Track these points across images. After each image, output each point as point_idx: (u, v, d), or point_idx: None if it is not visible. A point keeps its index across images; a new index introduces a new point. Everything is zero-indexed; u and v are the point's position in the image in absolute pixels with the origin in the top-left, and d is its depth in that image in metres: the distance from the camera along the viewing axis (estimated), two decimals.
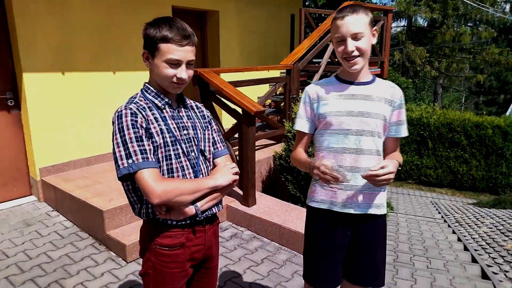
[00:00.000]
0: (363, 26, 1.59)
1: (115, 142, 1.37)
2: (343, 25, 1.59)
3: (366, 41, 1.61)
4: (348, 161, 1.68)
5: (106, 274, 2.90)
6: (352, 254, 1.79)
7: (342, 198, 1.71)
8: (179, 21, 1.41)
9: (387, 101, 1.70)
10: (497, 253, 4.48)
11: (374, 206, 1.73)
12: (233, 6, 6.23)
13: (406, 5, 16.72)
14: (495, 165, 9.04)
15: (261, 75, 5.46)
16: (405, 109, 1.77)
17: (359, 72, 1.70)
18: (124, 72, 4.73)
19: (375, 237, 1.78)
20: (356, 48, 1.60)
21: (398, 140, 1.80)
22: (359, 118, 1.66)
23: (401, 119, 1.75)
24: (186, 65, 1.42)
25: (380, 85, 1.73)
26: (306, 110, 1.78)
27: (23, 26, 3.80)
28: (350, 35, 1.59)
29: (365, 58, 1.65)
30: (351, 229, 1.76)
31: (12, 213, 3.89)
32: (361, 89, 1.70)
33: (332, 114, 1.69)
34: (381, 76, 7.24)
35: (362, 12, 1.60)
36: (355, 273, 1.80)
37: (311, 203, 1.82)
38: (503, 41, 25.24)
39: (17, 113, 4.04)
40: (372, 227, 1.76)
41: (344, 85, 1.72)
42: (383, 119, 1.68)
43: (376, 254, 1.79)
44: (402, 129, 1.76)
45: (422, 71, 18.08)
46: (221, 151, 1.63)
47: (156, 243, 1.46)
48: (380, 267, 1.81)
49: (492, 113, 21.01)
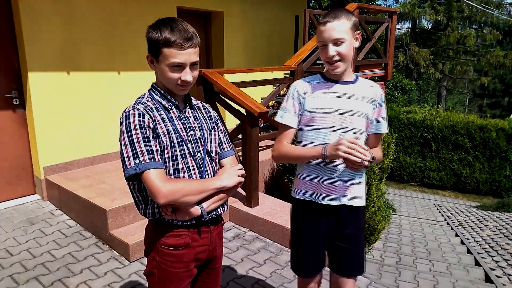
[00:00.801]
0: (344, 32, 1.67)
1: (122, 143, 1.38)
2: (325, 31, 1.68)
3: (346, 45, 1.69)
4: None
5: (109, 273, 2.91)
6: (336, 245, 1.90)
7: (325, 190, 1.81)
8: (180, 23, 1.40)
9: (369, 100, 1.80)
10: (500, 256, 4.46)
11: (353, 198, 1.84)
12: (238, 7, 6.24)
13: (411, 7, 16.68)
14: (499, 168, 9.01)
15: (265, 76, 5.47)
16: (386, 107, 1.87)
17: (343, 73, 1.78)
18: (128, 72, 4.74)
19: (356, 228, 1.89)
20: (337, 53, 1.68)
21: (379, 137, 1.90)
22: (342, 115, 1.75)
23: (381, 116, 1.85)
24: (190, 67, 1.42)
25: (362, 84, 1.83)
26: (294, 105, 1.83)
27: (29, 25, 3.83)
28: (331, 41, 1.67)
29: (347, 61, 1.74)
30: (334, 220, 1.87)
31: (16, 211, 3.90)
32: (345, 88, 1.79)
33: (317, 110, 1.77)
34: (385, 78, 7.23)
35: (344, 18, 1.67)
36: (341, 266, 1.91)
37: (296, 195, 1.91)
38: (508, 43, 25.13)
39: (22, 112, 4.06)
40: (352, 218, 1.87)
41: (329, 83, 1.81)
42: (365, 117, 1.77)
43: (358, 244, 1.91)
44: (383, 126, 1.86)
45: (426, 73, 18.01)
46: (227, 152, 1.63)
47: (161, 242, 1.47)
48: (361, 256, 1.94)
49: (496, 116, 20.94)
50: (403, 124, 9.70)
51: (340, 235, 1.88)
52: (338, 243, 1.89)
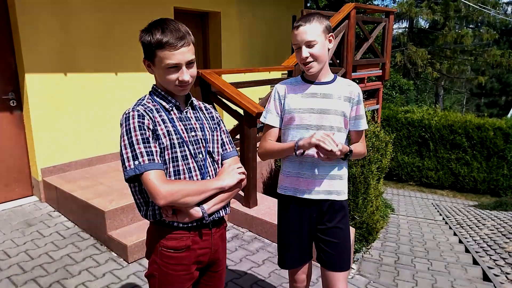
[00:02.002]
0: (316, 34, 1.77)
1: (122, 144, 1.37)
2: (298, 34, 1.78)
3: (319, 47, 1.78)
4: (309, 153, 1.85)
5: (107, 275, 2.90)
6: (321, 239, 1.97)
7: (304, 185, 1.91)
8: (172, 23, 1.39)
9: (346, 99, 1.89)
10: (498, 255, 4.48)
11: (334, 193, 1.92)
12: (235, 7, 6.24)
13: (408, 7, 16.72)
14: (497, 167, 9.04)
15: (262, 76, 5.47)
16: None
17: (319, 73, 1.88)
18: (126, 73, 4.74)
19: (339, 222, 1.95)
20: (310, 55, 1.78)
21: (360, 133, 1.98)
22: (319, 114, 1.86)
23: (359, 114, 1.93)
24: (186, 66, 1.41)
25: (339, 84, 1.91)
26: (276, 106, 1.96)
27: (26, 26, 3.82)
28: (304, 43, 1.77)
29: (321, 62, 1.82)
30: (317, 214, 1.94)
31: (14, 213, 3.89)
32: (321, 88, 1.89)
33: (295, 110, 1.89)
34: (382, 78, 7.24)
35: (316, 21, 1.77)
36: (327, 259, 1.97)
37: (279, 190, 2.02)
38: (504, 43, 25.22)
39: (19, 114, 4.05)
40: (336, 212, 1.94)
41: (307, 84, 1.91)
42: (341, 114, 1.87)
43: (343, 237, 1.96)
44: (362, 123, 1.94)
45: (424, 73, 18.06)
46: (229, 152, 1.62)
47: (162, 245, 1.46)
48: (347, 250, 1.99)
49: (494, 115, 20.99)
50: (401, 124, 9.72)
51: (324, 229, 1.95)
52: (323, 237, 1.96)
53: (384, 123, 9.67)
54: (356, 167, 3.82)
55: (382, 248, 4.54)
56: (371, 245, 4.30)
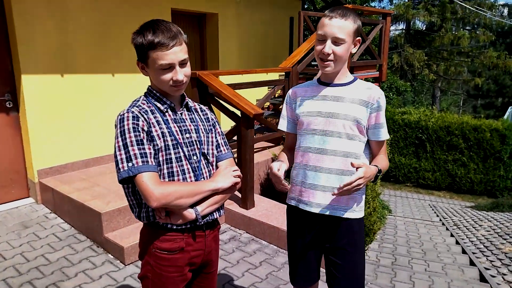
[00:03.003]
0: (347, 33, 1.60)
1: (116, 146, 1.37)
2: (328, 25, 1.59)
3: (344, 48, 1.61)
4: (312, 161, 1.71)
5: (104, 277, 2.89)
6: (330, 259, 1.79)
7: (306, 197, 1.74)
8: (162, 23, 1.39)
9: (362, 103, 1.68)
10: (495, 256, 4.49)
11: (341, 209, 1.71)
12: (232, 9, 6.24)
13: (405, 9, 16.79)
14: (493, 168, 9.07)
15: (260, 77, 5.47)
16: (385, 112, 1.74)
17: (336, 74, 1.71)
18: (123, 75, 4.73)
19: (348, 243, 1.74)
20: (333, 52, 1.61)
21: (380, 143, 1.76)
22: (326, 118, 1.68)
23: (379, 122, 1.71)
24: (180, 66, 1.40)
25: (357, 86, 1.72)
26: (287, 110, 1.86)
27: (22, 28, 3.81)
28: (332, 38, 1.59)
29: (340, 64, 1.66)
30: (323, 231, 1.76)
31: (10, 215, 3.87)
32: (334, 90, 1.72)
33: (304, 114, 1.75)
34: (379, 79, 7.26)
35: (351, 19, 1.60)
36: (335, 283, 1.78)
37: (287, 200, 1.89)
38: (501, 44, 25.35)
39: (15, 115, 4.03)
40: (345, 231, 1.73)
41: (321, 86, 1.76)
42: (353, 120, 1.66)
43: (352, 261, 1.75)
44: (381, 132, 1.72)
45: (421, 74, 18.13)
46: (224, 154, 1.61)
47: (155, 246, 1.45)
48: (358, 276, 1.78)
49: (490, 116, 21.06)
50: (398, 125, 9.74)
51: (332, 249, 1.76)
52: (332, 258, 1.77)
53: None
54: None
55: (379, 249, 4.54)
56: (368, 247, 4.30)
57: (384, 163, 1.74)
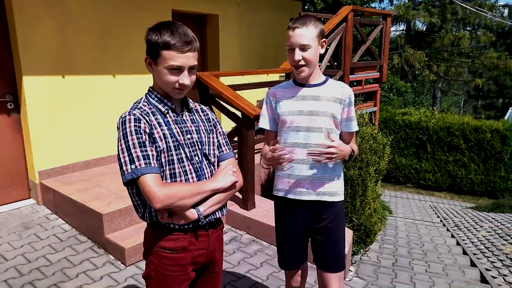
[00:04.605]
0: (311, 38, 1.77)
1: (119, 148, 1.38)
2: (293, 36, 1.78)
3: (312, 52, 1.79)
4: (299, 154, 1.89)
5: (105, 278, 2.89)
6: (315, 239, 2.00)
7: (294, 186, 1.94)
8: (180, 26, 1.41)
9: (337, 100, 1.90)
10: (495, 257, 4.49)
11: (327, 194, 1.94)
12: (233, 10, 6.25)
13: (405, 10, 16.79)
14: (494, 169, 9.07)
15: (260, 78, 5.47)
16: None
17: (309, 76, 1.89)
18: (123, 76, 4.73)
19: (332, 222, 1.96)
20: (303, 58, 1.79)
21: (350, 134, 2.01)
22: (308, 116, 1.88)
23: (350, 115, 1.94)
24: (188, 71, 1.43)
25: (330, 86, 1.93)
26: (268, 110, 2.01)
27: (23, 29, 3.81)
28: (298, 46, 1.77)
29: (312, 66, 1.84)
30: (310, 214, 1.97)
31: (11, 216, 3.88)
32: (311, 90, 1.91)
33: (286, 113, 1.92)
34: (380, 80, 7.26)
35: (312, 25, 1.77)
36: (321, 259, 2.00)
37: (273, 192, 2.06)
38: (501, 45, 25.36)
39: (17, 116, 4.04)
40: (329, 213, 1.96)
41: (298, 87, 1.94)
42: (331, 116, 1.88)
43: (336, 238, 1.99)
44: (352, 124, 1.97)
45: (421, 75, 18.12)
46: (226, 154, 1.63)
47: (158, 246, 1.47)
48: (341, 251, 2.01)
49: (491, 117, 21.07)
50: (399, 126, 9.74)
51: (317, 229, 1.98)
52: (317, 237, 1.99)
53: (381, 125, 9.69)
54: (354, 169, 3.82)
55: (380, 250, 4.54)
56: (369, 247, 4.30)
57: (355, 147, 2.01)
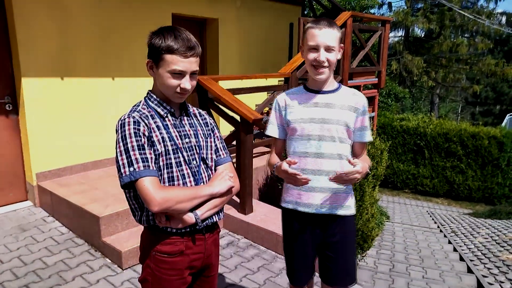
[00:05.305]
0: (335, 41, 1.73)
1: (118, 151, 1.39)
2: (320, 35, 1.71)
3: (335, 55, 1.74)
4: (310, 165, 1.80)
5: (101, 281, 2.88)
6: (324, 254, 1.90)
7: (305, 199, 1.84)
8: (184, 32, 1.43)
9: (351, 108, 1.80)
10: (492, 263, 4.49)
11: (339, 208, 1.84)
12: (233, 15, 6.27)
13: (404, 16, 16.90)
14: (491, 176, 9.08)
15: (259, 83, 5.49)
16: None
17: (325, 81, 1.82)
18: (122, 78, 4.74)
19: (343, 237, 1.87)
20: (327, 59, 1.72)
21: (363, 145, 1.90)
22: (320, 124, 1.78)
23: (364, 125, 1.84)
24: (190, 76, 1.44)
25: (344, 93, 1.85)
26: (277, 117, 1.92)
27: (23, 31, 3.82)
28: (324, 46, 1.71)
29: (331, 70, 1.79)
30: (320, 228, 1.86)
31: (7, 218, 3.86)
32: (324, 97, 1.82)
33: (296, 121, 1.83)
34: (378, 86, 7.29)
35: (336, 28, 1.74)
36: (329, 275, 1.91)
37: (282, 203, 1.97)
38: (499, 52, 25.49)
39: (15, 118, 4.04)
40: (340, 227, 1.86)
41: (310, 94, 1.85)
42: (344, 125, 1.78)
43: (347, 253, 1.89)
44: (366, 134, 1.86)
45: (419, 81, 18.21)
46: (223, 158, 1.64)
47: (155, 249, 1.47)
48: (351, 267, 1.93)
49: (488, 124, 21.15)
50: (396, 132, 9.76)
51: (327, 244, 1.87)
52: (326, 252, 1.88)
53: (379, 130, 9.71)
54: None
55: (377, 255, 4.53)
56: (366, 253, 4.29)
57: (369, 163, 1.87)
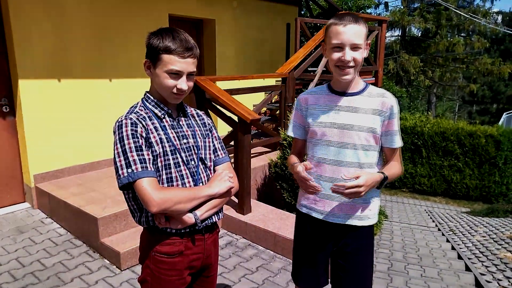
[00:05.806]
0: (362, 38, 1.57)
1: (115, 152, 1.39)
2: (344, 32, 1.54)
3: (361, 53, 1.59)
4: (328, 172, 1.68)
5: (100, 282, 2.88)
6: (337, 263, 1.79)
7: (320, 206, 1.73)
8: (182, 33, 1.43)
9: (375, 112, 1.64)
10: (490, 261, 4.50)
11: (356, 218, 1.70)
12: (229, 15, 6.28)
13: (400, 15, 16.96)
14: (488, 174, 9.11)
15: (256, 83, 5.49)
16: (399, 118, 1.70)
17: (350, 82, 1.66)
18: (120, 79, 4.73)
19: (359, 247, 1.75)
20: (353, 59, 1.57)
21: (392, 150, 1.71)
22: (341, 130, 1.65)
23: (391, 130, 1.66)
24: (187, 77, 1.44)
25: (370, 94, 1.68)
26: (298, 117, 1.82)
27: (19, 32, 3.81)
28: (350, 45, 1.55)
29: (357, 70, 1.63)
30: (332, 236, 1.76)
31: (5, 220, 3.85)
32: (349, 100, 1.67)
33: (316, 124, 1.71)
34: (375, 85, 7.29)
35: (362, 24, 1.57)
36: (339, 285, 1.80)
37: (298, 206, 1.88)
38: (495, 51, 25.61)
39: (12, 120, 4.02)
40: (355, 237, 1.73)
41: (333, 95, 1.71)
42: (369, 131, 1.63)
43: (359, 264, 1.77)
44: (394, 140, 1.67)
45: (416, 80, 18.27)
46: (222, 158, 1.64)
47: (155, 250, 1.47)
48: (364, 278, 1.80)
49: (485, 122, 21.23)
50: None
51: (341, 253, 1.76)
52: (339, 261, 1.77)
53: None
54: None
55: (375, 254, 4.54)
56: None
57: (394, 170, 1.70)
